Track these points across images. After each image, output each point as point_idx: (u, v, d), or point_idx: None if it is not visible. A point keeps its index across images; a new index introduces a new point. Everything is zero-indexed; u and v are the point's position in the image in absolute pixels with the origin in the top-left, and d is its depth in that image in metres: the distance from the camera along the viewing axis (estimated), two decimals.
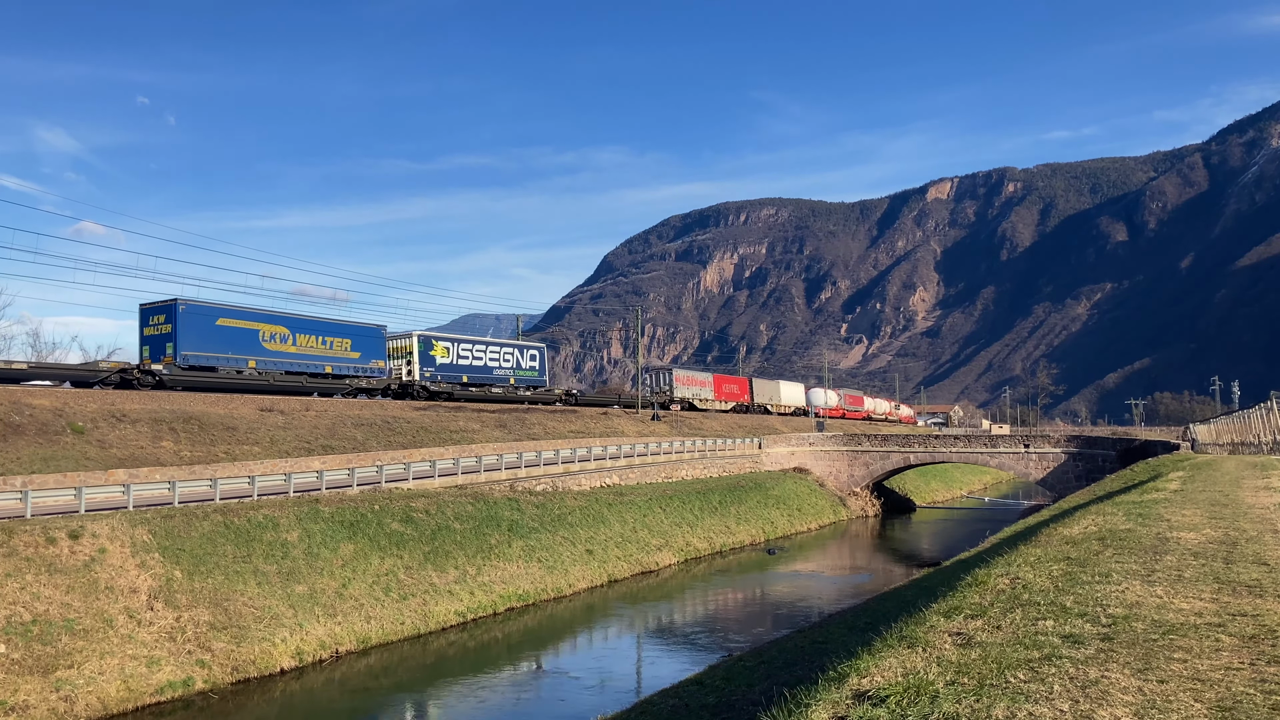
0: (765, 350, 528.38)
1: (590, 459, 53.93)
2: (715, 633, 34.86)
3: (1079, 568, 10.86)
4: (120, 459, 35.99)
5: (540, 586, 36.94)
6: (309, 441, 44.90)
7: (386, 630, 29.72)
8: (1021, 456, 71.98)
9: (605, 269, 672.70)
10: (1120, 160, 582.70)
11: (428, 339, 63.13)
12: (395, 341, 61.63)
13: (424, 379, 61.79)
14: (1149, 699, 5.65)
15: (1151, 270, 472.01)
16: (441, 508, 37.48)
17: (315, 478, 37.79)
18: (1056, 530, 16.17)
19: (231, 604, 26.90)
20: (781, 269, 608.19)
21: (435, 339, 63.96)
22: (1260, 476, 26.77)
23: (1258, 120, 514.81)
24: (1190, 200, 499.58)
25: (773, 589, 43.52)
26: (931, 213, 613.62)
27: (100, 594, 24.69)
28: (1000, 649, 6.97)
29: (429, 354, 62.67)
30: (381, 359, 58.80)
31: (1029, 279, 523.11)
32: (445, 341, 64.74)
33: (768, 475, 67.77)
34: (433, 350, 63.12)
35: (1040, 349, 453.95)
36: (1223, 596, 8.87)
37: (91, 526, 26.48)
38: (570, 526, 42.49)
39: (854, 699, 6.13)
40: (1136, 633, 7.39)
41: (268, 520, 30.89)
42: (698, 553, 49.01)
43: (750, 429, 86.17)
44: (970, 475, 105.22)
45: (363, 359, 57.07)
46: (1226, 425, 58.91)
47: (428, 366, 62.24)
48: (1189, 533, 13.84)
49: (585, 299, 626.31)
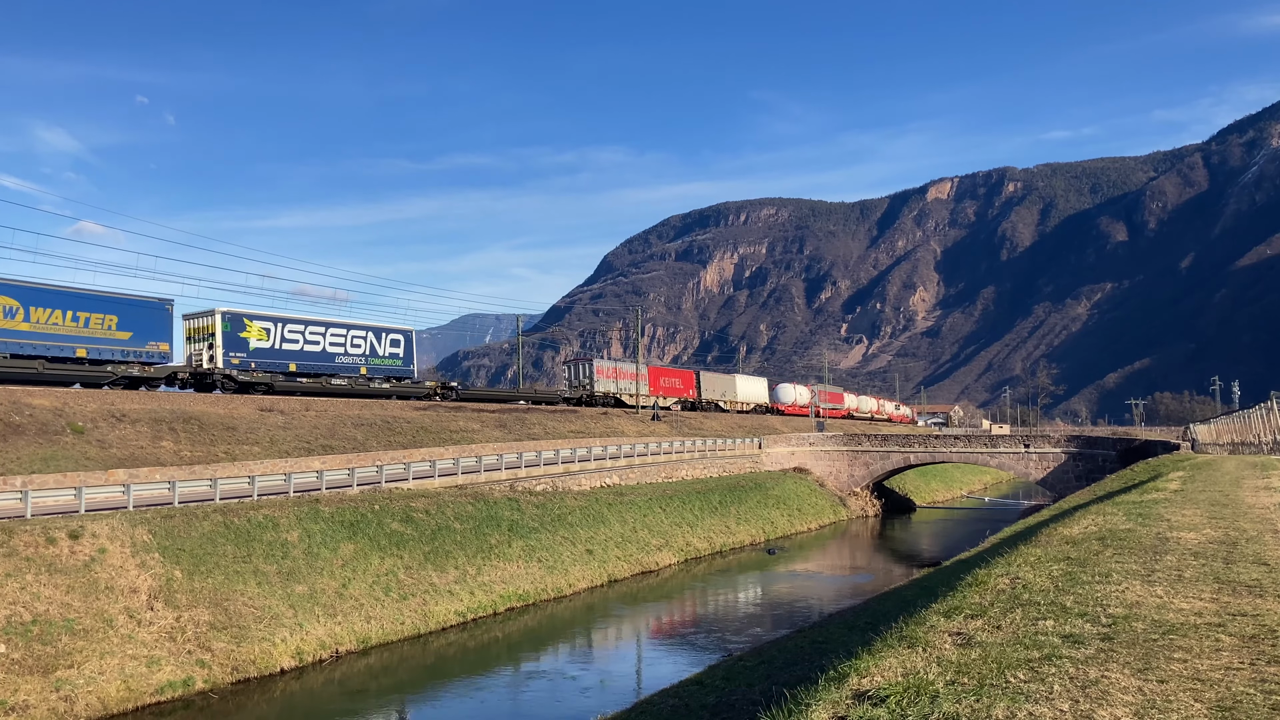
0: (765, 350, 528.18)
1: (590, 459, 53.93)
2: (715, 633, 34.85)
3: (1079, 568, 10.86)
4: (120, 459, 36.00)
5: (540, 586, 36.94)
6: (309, 441, 44.91)
7: (386, 630, 29.72)
8: (1021, 456, 71.97)
9: (605, 269, 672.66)
10: (1120, 160, 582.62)
11: (236, 317, 51.93)
12: (194, 321, 51.84)
13: (231, 367, 51.28)
14: (1149, 699, 5.65)
15: (1151, 270, 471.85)
16: (441, 508, 37.48)
17: (315, 478, 37.79)
18: (1056, 530, 16.16)
19: (231, 604, 26.90)
20: (781, 269, 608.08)
21: (249, 317, 52.76)
22: (1260, 476, 26.77)
23: (1258, 120, 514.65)
24: (1190, 200, 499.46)
25: (773, 589, 43.51)
26: (931, 213, 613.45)
27: (100, 594, 24.68)
28: (1000, 649, 6.97)
29: (238, 336, 51.88)
30: (164, 341, 48.79)
31: (1029, 279, 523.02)
32: (264, 321, 53.54)
33: (768, 475, 67.77)
34: (245, 331, 52.27)
35: (1040, 349, 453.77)
36: (1223, 596, 8.87)
37: (91, 526, 26.48)
38: (570, 526, 42.48)
39: (854, 699, 6.13)
40: (1136, 633, 7.39)
41: (268, 520, 30.88)
42: (698, 553, 49.01)
43: (750, 429, 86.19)
44: (970, 475, 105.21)
45: (135, 340, 46.61)
46: (1226, 425, 58.91)
47: (236, 351, 51.70)
48: (1189, 533, 13.84)
49: (585, 299, 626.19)
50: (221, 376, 51.00)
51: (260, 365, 53.12)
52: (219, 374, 50.92)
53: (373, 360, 60.39)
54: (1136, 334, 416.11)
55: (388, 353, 61.61)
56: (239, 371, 51.87)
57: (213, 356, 50.97)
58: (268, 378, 53.24)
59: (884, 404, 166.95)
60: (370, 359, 60.18)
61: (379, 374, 60.64)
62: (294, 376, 55.04)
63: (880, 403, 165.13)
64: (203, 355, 51.11)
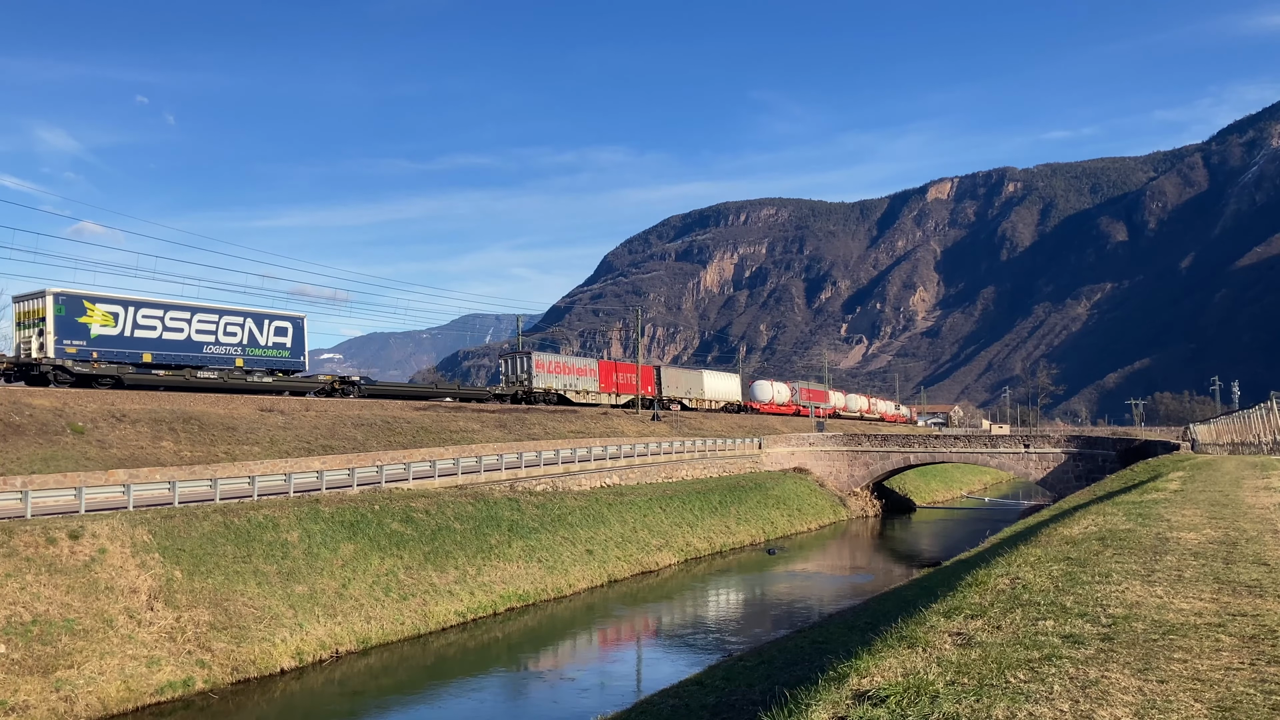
0: (765, 350, 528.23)
1: (590, 459, 53.94)
2: (715, 633, 34.86)
3: (1079, 568, 10.86)
4: (120, 459, 36.01)
5: (540, 587, 36.94)
6: (309, 441, 44.91)
7: (386, 630, 29.72)
8: (1021, 456, 71.98)
9: (605, 269, 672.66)
10: (1120, 160, 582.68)
11: (74, 299, 45.66)
12: (25, 304, 45.74)
13: (66, 356, 44.95)
14: (1149, 699, 5.65)
15: (1151, 270, 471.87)
16: (441, 508, 37.48)
17: (315, 478, 37.80)
18: (1056, 530, 16.16)
19: (231, 604, 26.90)
20: (781, 269, 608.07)
21: (91, 300, 46.52)
22: (1260, 476, 26.76)
23: (1258, 120, 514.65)
24: (1190, 200, 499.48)
25: (773, 589, 43.51)
26: (931, 213, 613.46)
27: (100, 594, 24.69)
28: (1000, 649, 6.97)
29: (76, 321, 45.46)
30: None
31: (1029, 279, 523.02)
32: (110, 305, 47.19)
33: (767, 475, 67.78)
34: (85, 316, 45.83)
35: (1040, 349, 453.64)
36: (1223, 596, 8.87)
37: (91, 527, 26.48)
38: (570, 527, 42.49)
39: (854, 699, 6.13)
40: (1136, 633, 7.39)
41: (268, 520, 30.89)
42: (698, 553, 49.01)
43: (750, 429, 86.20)
44: (970, 475, 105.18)
45: None
46: (1226, 425, 58.90)
47: (74, 339, 45.29)
48: (1189, 533, 13.84)
49: (585, 299, 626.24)
50: (53, 368, 44.57)
51: (106, 355, 46.72)
52: (48, 365, 44.48)
53: (252, 351, 53.56)
54: (1136, 334, 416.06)
55: (271, 342, 54.60)
56: (76, 362, 45.41)
57: (43, 345, 44.57)
58: (114, 369, 46.79)
59: (876, 402, 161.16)
60: (249, 349, 53.39)
61: (259, 366, 53.76)
62: (149, 368, 48.50)
63: (871, 401, 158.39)
64: (32, 343, 44.84)
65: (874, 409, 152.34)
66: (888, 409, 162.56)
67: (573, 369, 79.73)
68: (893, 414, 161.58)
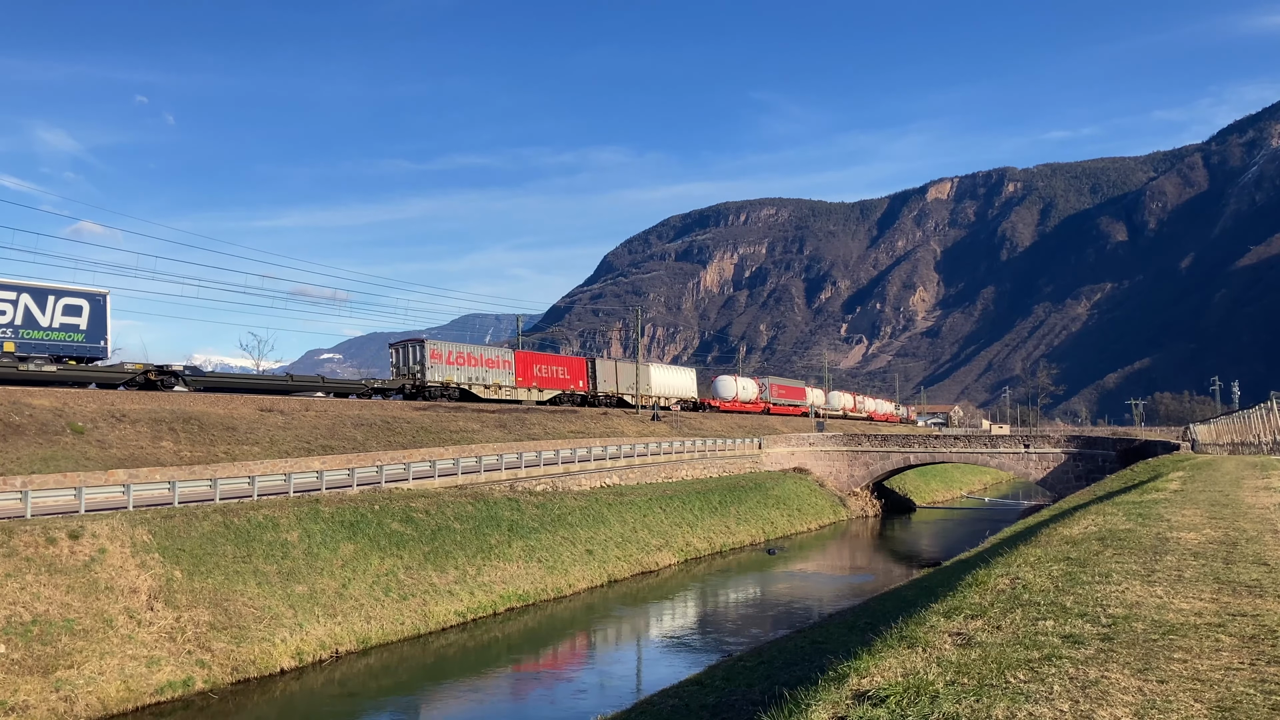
0: (765, 350, 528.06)
1: (590, 459, 53.93)
2: (715, 633, 34.85)
3: (1079, 568, 10.85)
4: (120, 459, 36.00)
5: (540, 587, 36.93)
6: (309, 441, 44.90)
7: (386, 630, 29.71)
8: (1021, 457, 71.97)
9: (605, 269, 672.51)
10: (1120, 160, 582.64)
11: None
12: None
13: None
14: (1149, 699, 5.65)
15: (1151, 270, 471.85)
16: (441, 508, 37.47)
17: (315, 478, 37.78)
18: (1056, 530, 16.16)
19: (231, 604, 26.89)
20: (781, 269, 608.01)
21: None
22: (1260, 476, 26.77)
23: (1258, 120, 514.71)
24: (1190, 200, 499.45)
25: (773, 589, 43.50)
26: (931, 213, 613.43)
27: (100, 594, 24.68)
28: (1000, 649, 6.97)
29: None
30: None
31: (1029, 279, 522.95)
32: None
33: (767, 475, 67.78)
34: None
35: (1040, 349, 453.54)
36: (1223, 596, 8.86)
37: (91, 527, 26.47)
38: (570, 527, 42.48)
39: (854, 699, 6.13)
40: (1136, 633, 7.39)
41: (268, 520, 30.88)
42: (698, 553, 49.00)
43: (751, 429, 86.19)
44: (970, 475, 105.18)
45: None
46: (1226, 425, 58.92)
47: None
48: (1189, 533, 13.83)
49: (585, 299, 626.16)
50: None
51: None
52: None
53: (29, 334, 43.37)
54: (1136, 334, 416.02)
55: (57, 324, 44.42)
56: None
57: None
58: None
59: (864, 400, 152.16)
60: (24, 331, 43.19)
61: (41, 352, 43.67)
62: None
63: (858, 399, 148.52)
64: None
65: (860, 407, 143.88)
66: (876, 407, 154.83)
67: (481, 360, 70.73)
68: (883, 413, 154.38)
